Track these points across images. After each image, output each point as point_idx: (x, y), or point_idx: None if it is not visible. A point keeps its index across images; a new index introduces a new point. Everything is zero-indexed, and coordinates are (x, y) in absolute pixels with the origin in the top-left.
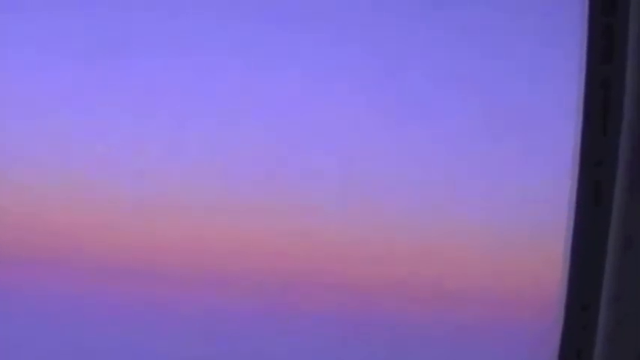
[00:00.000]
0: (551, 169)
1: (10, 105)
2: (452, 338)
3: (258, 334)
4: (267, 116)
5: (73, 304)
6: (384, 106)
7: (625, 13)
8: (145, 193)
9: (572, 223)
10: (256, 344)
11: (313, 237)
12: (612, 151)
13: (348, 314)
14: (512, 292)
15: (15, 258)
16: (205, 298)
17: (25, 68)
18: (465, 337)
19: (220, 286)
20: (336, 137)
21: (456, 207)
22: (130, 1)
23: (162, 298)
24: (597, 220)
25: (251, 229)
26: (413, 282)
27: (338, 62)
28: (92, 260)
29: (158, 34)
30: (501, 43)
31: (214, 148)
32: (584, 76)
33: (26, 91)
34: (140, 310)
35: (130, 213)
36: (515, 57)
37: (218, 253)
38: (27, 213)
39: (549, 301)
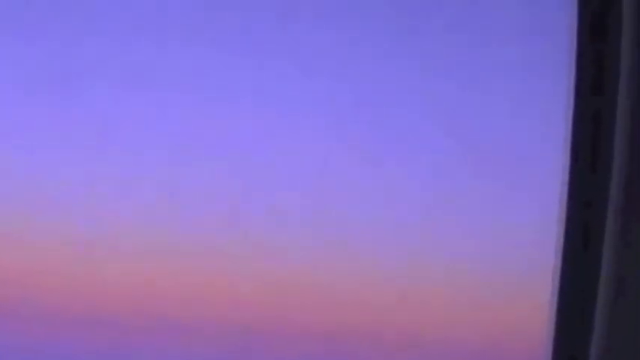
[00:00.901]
0: (537, 210)
1: None
2: None
3: None
4: (229, 152)
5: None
6: (357, 141)
7: (617, 38)
8: (95, 235)
9: (559, 269)
10: None
11: (280, 282)
12: (602, 191)
13: None
14: (495, 342)
15: None
16: (163, 346)
17: None
18: None
19: (178, 333)
20: (306, 175)
21: (435, 250)
22: (83, 26)
23: (113, 346)
24: (586, 266)
25: (212, 273)
26: (388, 330)
27: (308, 94)
28: (35, 308)
29: (111, 63)
30: (485, 73)
31: (172, 186)
32: (572, 109)
33: None
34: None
35: (78, 257)
36: (499, 88)
37: (177, 298)
38: None
39: (534, 354)
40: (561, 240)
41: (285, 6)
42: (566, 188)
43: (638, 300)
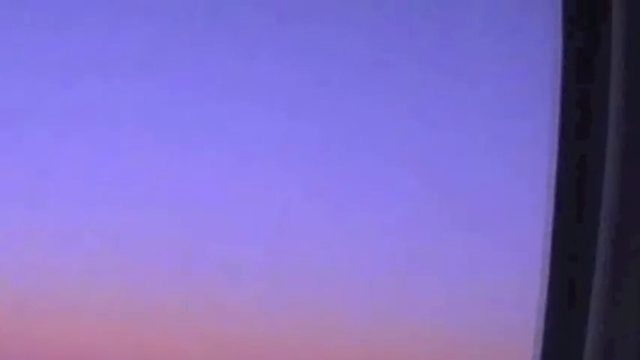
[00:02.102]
0: (517, 264)
1: None
2: None
3: None
4: (179, 199)
5: None
6: (321, 187)
7: (604, 77)
8: (31, 292)
9: (542, 330)
10: None
11: (234, 344)
12: (589, 243)
13: None
14: None
15: None
16: None
17: None
18: None
19: None
20: (264, 225)
21: (408, 309)
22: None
23: None
24: (572, 326)
25: (160, 335)
26: None
27: (267, 135)
28: None
29: (52, 102)
30: (462, 112)
31: (114, 239)
32: (556, 153)
33: None
34: None
35: (10, 315)
36: (478, 129)
37: None
38: None
39: None
40: (544, 297)
41: (243, 42)
42: (549, 240)
43: None
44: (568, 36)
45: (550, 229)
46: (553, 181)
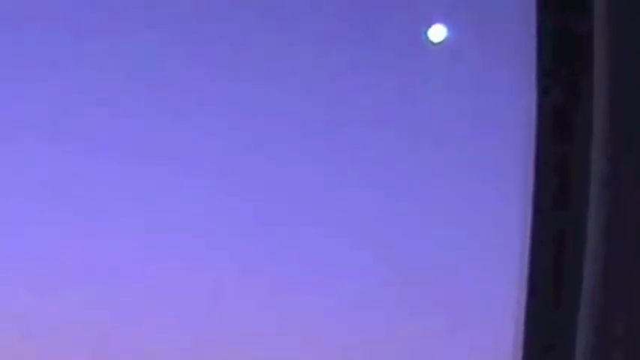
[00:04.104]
0: (487, 356)
1: None
2: None
3: None
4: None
5: None
6: (256, 268)
7: (584, 141)
8: None
9: None
10: None
11: None
12: (567, 332)
13: None
14: None
15: None
16: None
17: None
18: None
19: None
20: (190, 313)
21: None
22: None
23: None
24: None
25: None
26: None
27: (196, 207)
28: None
29: None
30: (423, 179)
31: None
32: (530, 226)
33: None
34: None
35: None
36: (441, 200)
37: None
38: None
39: None
40: None
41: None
42: (522, 328)
43: None
44: (543, 91)
45: (523, 315)
46: (526, 259)
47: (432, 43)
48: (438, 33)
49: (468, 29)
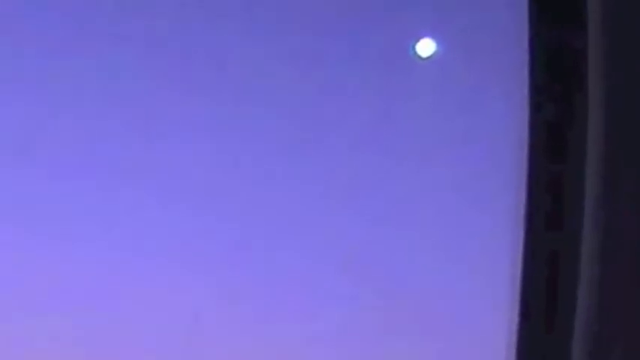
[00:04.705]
0: None
1: None
2: None
3: None
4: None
5: None
6: (236, 298)
7: (578, 159)
8: None
9: None
10: None
11: None
12: (561, 358)
13: None
14: None
15: None
16: None
17: None
18: None
19: None
20: (170, 337)
21: None
22: None
23: None
24: None
25: None
26: None
27: (171, 235)
28: None
29: None
30: (407, 202)
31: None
32: (522, 249)
33: None
34: None
35: None
36: (427, 222)
37: None
38: None
39: None
40: None
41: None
42: (514, 354)
43: None
44: (536, 108)
45: (514, 340)
46: (518, 282)
47: (420, 57)
48: (426, 47)
49: (458, 43)
